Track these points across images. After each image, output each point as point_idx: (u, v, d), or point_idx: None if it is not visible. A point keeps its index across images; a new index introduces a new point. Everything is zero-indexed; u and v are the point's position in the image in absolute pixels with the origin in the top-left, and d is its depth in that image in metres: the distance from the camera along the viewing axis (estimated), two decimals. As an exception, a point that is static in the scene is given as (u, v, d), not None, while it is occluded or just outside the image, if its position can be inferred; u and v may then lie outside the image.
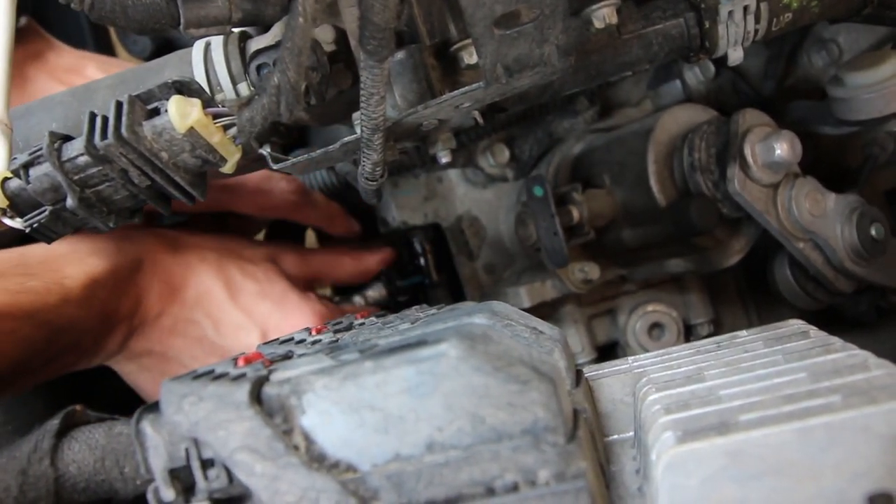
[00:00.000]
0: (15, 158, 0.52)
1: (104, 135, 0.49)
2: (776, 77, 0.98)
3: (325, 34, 0.66)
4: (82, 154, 0.50)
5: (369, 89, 0.52)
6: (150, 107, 0.53)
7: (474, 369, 0.39)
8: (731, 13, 0.67)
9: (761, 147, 0.80)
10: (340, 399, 0.40)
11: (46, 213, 0.52)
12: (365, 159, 0.58)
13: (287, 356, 0.46)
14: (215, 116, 0.51)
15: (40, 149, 0.51)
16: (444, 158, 0.70)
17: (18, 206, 0.53)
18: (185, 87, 0.53)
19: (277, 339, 0.56)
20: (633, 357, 0.62)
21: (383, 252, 1.07)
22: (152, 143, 0.50)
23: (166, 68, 0.71)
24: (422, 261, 1.10)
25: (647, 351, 1.04)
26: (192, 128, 0.50)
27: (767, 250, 0.93)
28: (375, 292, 1.09)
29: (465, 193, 1.08)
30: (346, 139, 0.58)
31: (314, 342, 0.52)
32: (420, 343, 0.41)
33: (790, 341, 0.55)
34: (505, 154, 1.03)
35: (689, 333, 1.06)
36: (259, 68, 0.58)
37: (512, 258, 1.08)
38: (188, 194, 0.54)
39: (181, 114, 0.49)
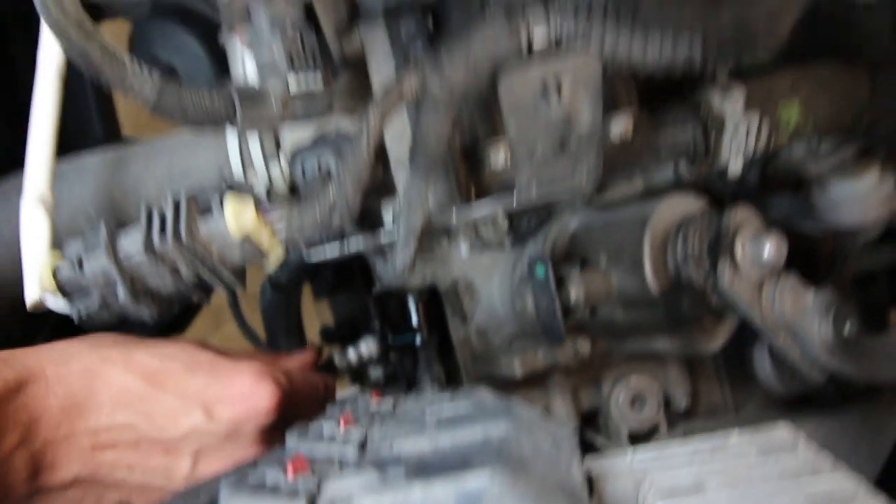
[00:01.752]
0: (69, 245, 0.54)
1: (162, 235, 0.51)
2: (759, 166, 1.05)
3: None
4: (139, 252, 0.52)
5: (412, 200, 0.55)
6: (202, 203, 0.55)
7: (517, 502, 0.42)
8: (735, 129, 0.72)
9: (751, 246, 0.85)
10: (388, 517, 0.42)
11: (96, 302, 0.53)
12: (398, 258, 0.61)
13: (330, 461, 0.49)
14: (265, 216, 0.54)
15: (94, 239, 0.53)
16: (465, 253, 0.73)
17: (67, 291, 0.55)
18: (236, 186, 0.55)
19: (307, 430, 0.58)
20: (631, 451, 0.66)
21: (302, 357, 1.01)
22: (205, 243, 0.53)
23: (201, 145, 0.74)
24: (415, 320, 1.13)
25: (628, 421, 1.08)
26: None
27: (744, 333, 0.98)
28: (367, 348, 1.11)
29: (462, 258, 1.11)
30: (382, 241, 0.61)
31: (345, 440, 0.55)
32: (463, 464, 0.44)
33: (782, 455, 0.60)
34: (504, 224, 1.07)
35: (667, 405, 1.11)
36: (304, 167, 0.60)
37: (502, 324, 1.12)
38: (230, 286, 0.56)
39: (237, 219, 0.52)
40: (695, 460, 0.61)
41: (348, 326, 1.31)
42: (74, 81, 1.83)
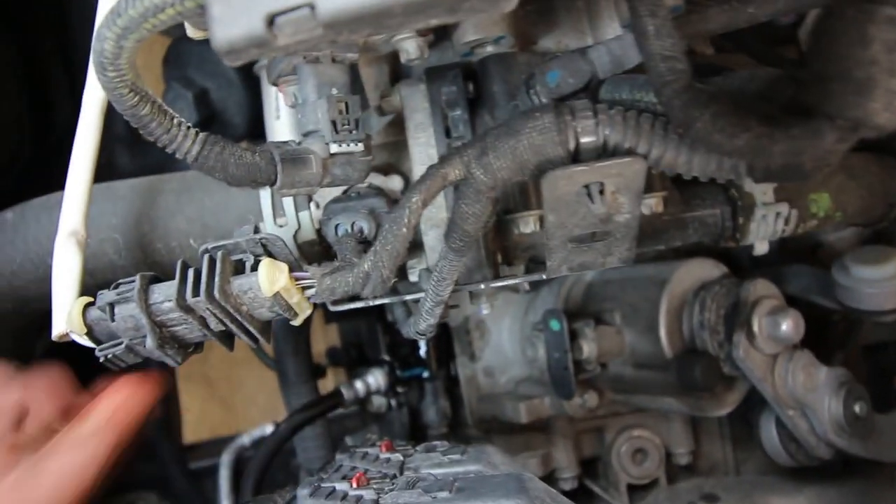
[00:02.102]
0: (102, 294, 0.55)
1: (195, 291, 0.52)
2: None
3: (395, 183, 0.70)
4: (171, 304, 0.52)
5: (443, 275, 0.56)
6: (234, 258, 0.56)
7: None
8: (764, 216, 0.73)
9: (768, 321, 0.86)
10: None
11: (123, 347, 0.54)
12: (422, 322, 0.62)
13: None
14: (297, 278, 0.55)
15: (128, 288, 0.54)
16: (486, 311, 0.74)
17: (95, 333, 0.55)
18: (270, 245, 0.56)
19: (320, 487, 0.59)
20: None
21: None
22: (236, 298, 0.53)
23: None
24: (423, 353, 1.14)
25: (628, 472, 1.09)
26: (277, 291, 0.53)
27: (751, 397, 0.99)
28: (374, 380, 1.12)
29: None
30: (407, 298, 0.62)
31: (356, 498, 0.55)
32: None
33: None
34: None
35: (668, 460, 1.11)
36: (336, 227, 0.61)
37: (510, 365, 1.13)
38: (256, 339, 0.57)
39: (270, 280, 0.52)
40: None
41: (356, 349, 1.32)
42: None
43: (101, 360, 0.55)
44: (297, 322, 0.57)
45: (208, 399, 2.33)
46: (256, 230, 0.68)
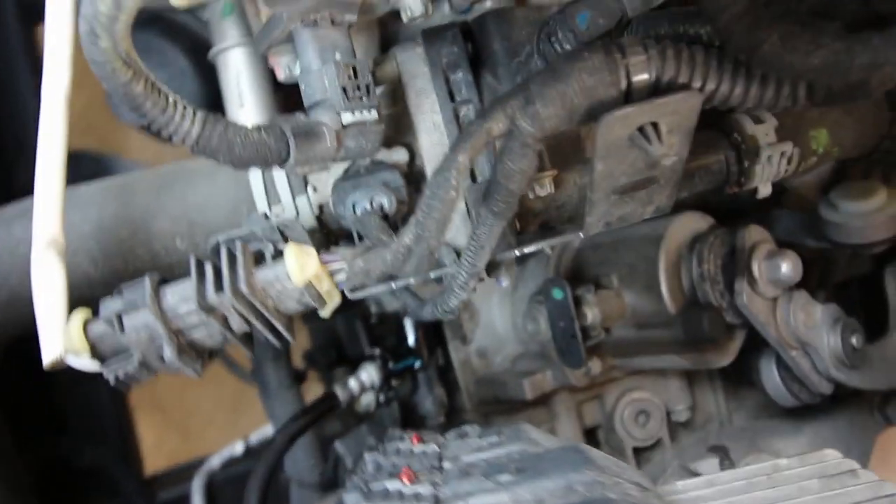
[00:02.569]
0: (105, 302, 0.48)
1: (218, 287, 0.46)
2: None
3: (400, 156, 0.65)
4: (189, 306, 0.46)
5: (482, 243, 0.52)
6: (252, 248, 0.50)
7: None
8: (769, 157, 0.72)
9: (767, 264, 0.86)
10: None
11: (135, 362, 0.48)
12: (453, 297, 0.58)
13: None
14: (326, 262, 0.50)
15: (136, 293, 0.47)
16: (505, 282, 0.70)
17: (100, 350, 0.49)
18: (288, 230, 0.51)
19: (369, 489, 0.54)
20: (682, 484, 0.65)
21: None
22: (262, 293, 0.48)
23: (217, 176, 0.68)
24: (413, 343, 1.09)
25: (632, 435, 1.08)
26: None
27: (747, 347, 0.99)
28: (368, 376, 1.07)
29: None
30: (436, 273, 0.58)
31: (418, 497, 0.51)
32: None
33: (845, 480, 0.60)
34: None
35: (667, 418, 1.11)
36: (354, 206, 0.56)
37: (503, 344, 1.10)
38: (283, 338, 0.51)
39: (301, 266, 0.47)
40: (756, 487, 0.60)
41: (334, 349, 1.26)
42: (13, 88, 1.71)
43: (112, 381, 0.49)
44: (325, 313, 0.52)
45: (162, 426, 2.21)
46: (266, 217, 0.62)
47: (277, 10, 0.52)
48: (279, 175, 0.66)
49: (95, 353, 0.49)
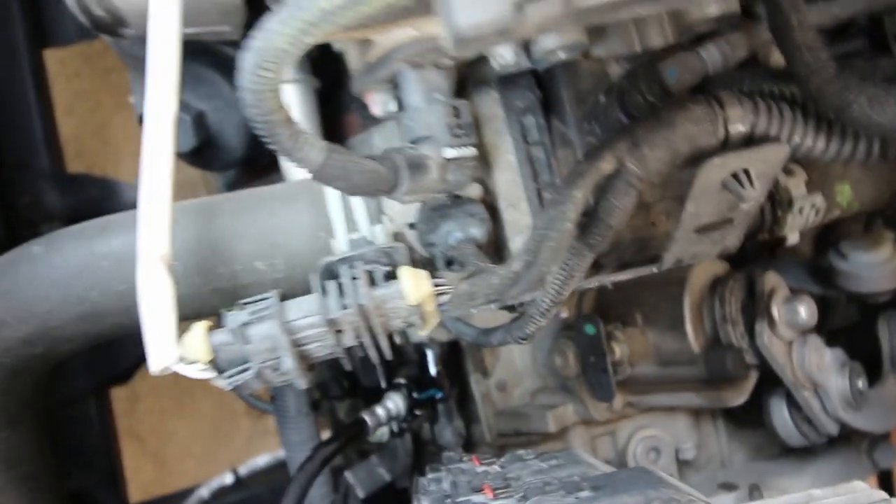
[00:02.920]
0: (230, 315, 0.51)
1: (341, 303, 0.49)
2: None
3: (475, 191, 0.69)
4: (311, 320, 0.49)
5: (572, 273, 0.56)
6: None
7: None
8: (801, 208, 0.78)
9: (786, 308, 0.92)
10: None
11: (252, 371, 0.50)
12: (531, 323, 0.62)
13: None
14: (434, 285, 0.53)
15: (263, 306, 0.50)
16: (564, 314, 0.74)
17: (218, 360, 0.51)
18: (395, 254, 0.54)
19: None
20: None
21: None
22: (377, 311, 0.51)
23: (298, 199, 0.71)
24: (435, 374, 1.12)
25: (643, 472, 1.12)
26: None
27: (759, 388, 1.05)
28: (394, 405, 1.09)
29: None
30: (526, 299, 0.62)
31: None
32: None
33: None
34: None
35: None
36: (447, 237, 0.60)
37: (522, 378, 1.13)
38: (383, 353, 0.54)
39: (416, 287, 0.51)
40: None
41: (347, 379, 1.27)
42: (19, 110, 1.71)
43: (229, 388, 0.51)
44: (424, 333, 0.56)
45: (138, 455, 2.16)
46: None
47: (389, 55, 0.56)
48: (357, 204, 0.70)
49: (214, 361, 0.51)
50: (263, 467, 1.68)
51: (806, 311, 0.91)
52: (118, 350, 1.59)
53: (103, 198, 1.66)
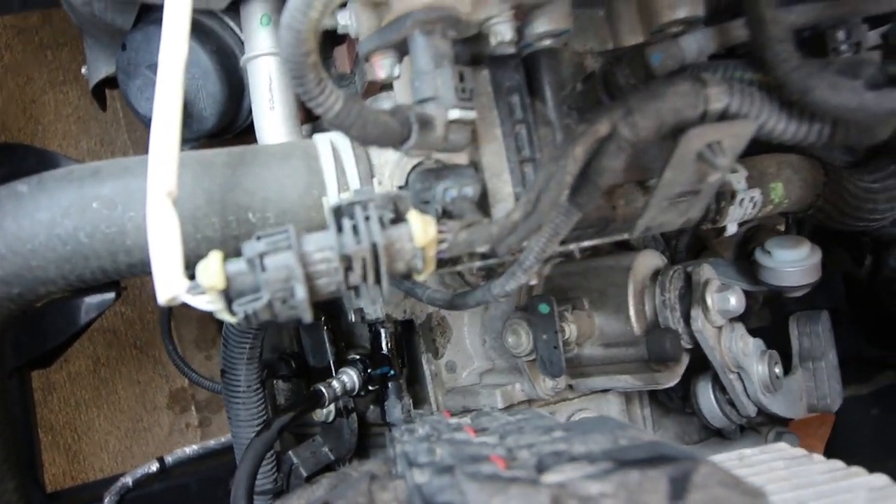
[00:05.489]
0: (249, 244, 0.53)
1: (356, 238, 0.53)
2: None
3: (463, 159, 0.74)
4: (325, 254, 0.53)
5: (558, 230, 0.62)
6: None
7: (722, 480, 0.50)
8: (741, 200, 0.88)
9: (718, 297, 1.01)
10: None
11: (263, 301, 0.53)
12: (513, 280, 0.67)
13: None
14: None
15: (281, 238, 0.53)
16: (534, 282, 0.80)
17: (231, 289, 0.53)
18: (400, 201, 0.58)
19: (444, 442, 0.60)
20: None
21: None
22: (386, 250, 0.55)
23: (292, 157, 0.74)
24: (388, 353, 1.15)
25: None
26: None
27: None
28: (349, 379, 1.11)
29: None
30: (496, 259, 0.67)
31: (488, 445, 0.58)
32: (657, 456, 0.51)
33: (806, 462, 0.73)
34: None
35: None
36: (445, 192, 0.64)
37: (470, 359, 1.18)
38: (384, 293, 0.58)
39: (424, 231, 0.55)
40: (735, 468, 0.72)
41: (294, 359, 1.29)
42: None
43: (241, 315, 0.53)
44: (422, 277, 0.60)
45: (49, 447, 2.06)
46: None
47: (402, 18, 0.61)
48: (349, 165, 0.73)
49: (227, 290, 0.53)
50: (190, 456, 1.64)
51: (735, 300, 1.01)
52: (45, 329, 1.53)
53: (41, 169, 1.60)
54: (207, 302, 0.55)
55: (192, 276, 0.56)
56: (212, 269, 0.53)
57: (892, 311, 1.35)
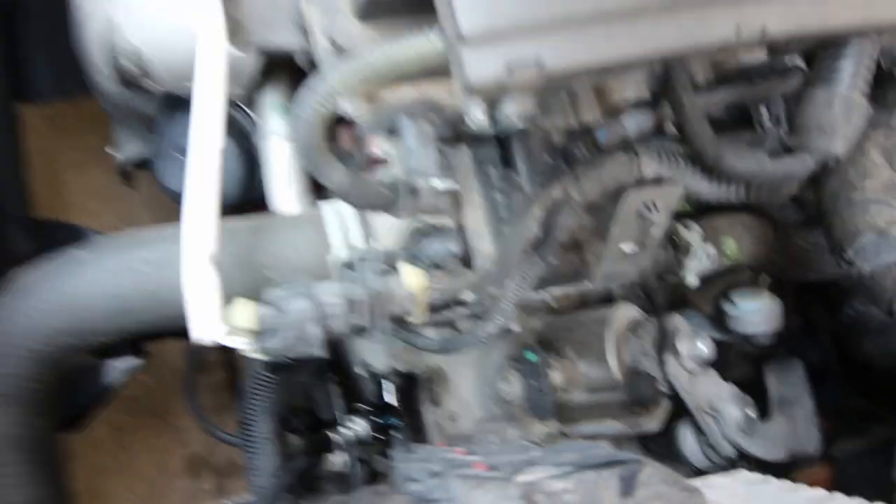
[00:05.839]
0: (271, 292, 0.66)
1: (361, 286, 0.65)
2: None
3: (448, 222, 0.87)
4: (336, 300, 0.65)
5: (524, 278, 0.74)
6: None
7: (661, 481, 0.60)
8: (698, 255, 1.00)
9: (688, 343, 1.12)
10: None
11: (286, 339, 0.65)
12: (492, 323, 0.79)
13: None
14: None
15: (296, 287, 0.66)
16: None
17: (263, 331, 0.66)
18: (394, 256, 0.71)
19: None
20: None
21: None
22: (383, 297, 0.67)
23: (304, 223, 0.87)
24: (394, 403, 1.25)
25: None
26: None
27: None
28: (357, 429, 1.21)
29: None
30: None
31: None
32: (610, 461, 0.61)
33: (764, 486, 0.82)
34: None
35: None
36: (431, 252, 0.77)
37: (469, 408, 1.28)
38: (384, 331, 0.70)
39: (415, 280, 0.67)
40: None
41: (306, 413, 1.38)
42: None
43: (266, 355, 0.65)
44: (416, 320, 0.72)
45: (68, 514, 2.12)
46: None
47: (396, 110, 0.75)
48: (352, 227, 0.87)
49: (259, 332, 0.65)
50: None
51: (704, 346, 1.11)
52: (74, 393, 1.63)
53: (72, 241, 1.74)
54: (243, 342, 0.67)
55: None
56: (247, 314, 0.65)
57: (858, 360, 1.44)
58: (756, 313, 1.15)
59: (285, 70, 1.08)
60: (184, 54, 0.88)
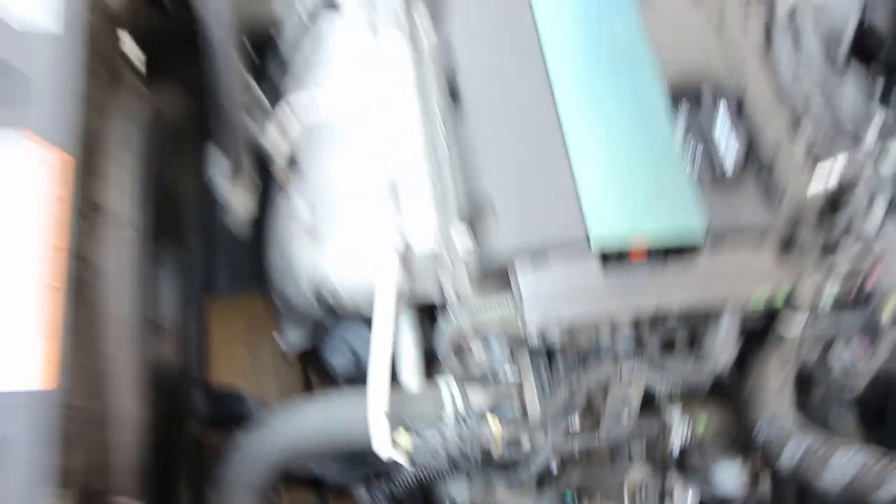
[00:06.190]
0: (418, 429, 1.24)
1: (464, 429, 1.23)
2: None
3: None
4: (453, 436, 1.23)
5: (557, 430, 1.30)
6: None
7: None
8: (678, 431, 1.52)
9: (683, 497, 1.60)
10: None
11: (425, 455, 1.22)
12: (535, 466, 1.33)
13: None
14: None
15: (427, 428, 1.24)
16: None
17: (413, 451, 1.23)
18: (485, 413, 1.29)
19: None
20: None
21: None
22: (477, 435, 1.25)
23: (429, 394, 1.47)
24: None
25: None
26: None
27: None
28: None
29: (504, 497, 1.78)
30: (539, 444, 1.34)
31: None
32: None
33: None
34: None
35: None
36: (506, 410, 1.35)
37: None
38: (474, 464, 1.26)
39: (496, 428, 1.24)
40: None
41: None
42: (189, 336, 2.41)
43: (410, 464, 1.22)
44: (495, 452, 1.28)
45: None
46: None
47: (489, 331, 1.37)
48: (458, 394, 1.46)
49: (411, 452, 1.22)
50: None
51: (692, 499, 1.59)
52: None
53: (237, 408, 2.34)
54: (403, 458, 1.25)
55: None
56: (405, 440, 1.23)
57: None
58: (727, 481, 1.63)
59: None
60: (363, 295, 1.54)
